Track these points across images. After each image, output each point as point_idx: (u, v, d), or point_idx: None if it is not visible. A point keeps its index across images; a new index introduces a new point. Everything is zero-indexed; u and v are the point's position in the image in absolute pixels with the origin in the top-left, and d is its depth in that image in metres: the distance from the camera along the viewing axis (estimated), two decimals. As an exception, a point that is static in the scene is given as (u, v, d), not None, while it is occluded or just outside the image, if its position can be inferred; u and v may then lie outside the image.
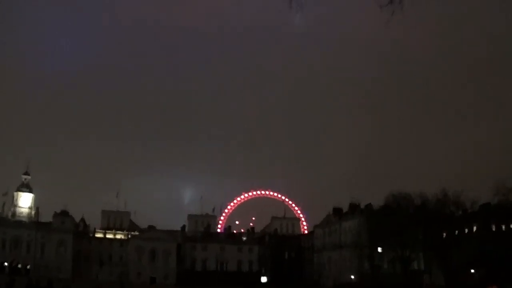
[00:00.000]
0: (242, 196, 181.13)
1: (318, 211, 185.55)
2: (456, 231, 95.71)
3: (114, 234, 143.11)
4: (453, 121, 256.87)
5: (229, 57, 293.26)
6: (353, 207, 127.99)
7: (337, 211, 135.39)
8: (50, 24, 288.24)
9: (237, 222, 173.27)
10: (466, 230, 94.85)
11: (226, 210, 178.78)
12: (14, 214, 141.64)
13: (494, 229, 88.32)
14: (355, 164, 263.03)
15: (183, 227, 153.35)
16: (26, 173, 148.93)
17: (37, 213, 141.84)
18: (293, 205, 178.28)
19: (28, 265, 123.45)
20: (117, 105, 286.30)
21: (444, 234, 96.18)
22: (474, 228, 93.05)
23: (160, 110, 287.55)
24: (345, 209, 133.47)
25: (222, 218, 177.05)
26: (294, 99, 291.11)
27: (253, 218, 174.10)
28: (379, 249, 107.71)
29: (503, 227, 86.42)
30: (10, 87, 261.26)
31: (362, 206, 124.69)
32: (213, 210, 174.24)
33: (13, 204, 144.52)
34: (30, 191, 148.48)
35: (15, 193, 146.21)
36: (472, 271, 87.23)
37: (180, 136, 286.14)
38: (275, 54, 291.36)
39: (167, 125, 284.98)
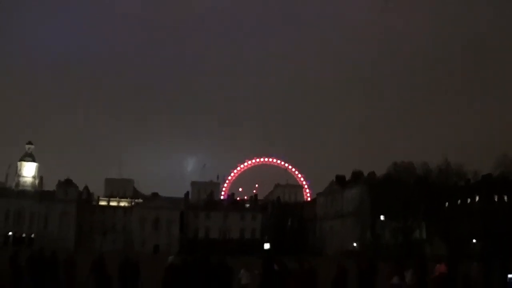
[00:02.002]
0: (246, 164, 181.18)
1: (322, 179, 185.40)
2: (459, 201, 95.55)
3: (118, 202, 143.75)
4: (454, 94, 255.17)
5: (234, 30, 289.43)
6: (356, 175, 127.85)
7: (340, 179, 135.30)
8: (54, 6, 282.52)
9: (240, 190, 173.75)
10: (469, 200, 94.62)
11: (229, 178, 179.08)
12: (18, 184, 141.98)
13: (496, 200, 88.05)
14: (359, 133, 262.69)
15: (187, 194, 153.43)
16: (30, 143, 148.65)
17: (40, 182, 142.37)
18: (296, 172, 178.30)
19: (32, 235, 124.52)
20: (117, 77, 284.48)
21: (446, 204, 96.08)
22: (477, 199, 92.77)
23: (162, 81, 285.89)
24: (348, 177, 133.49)
25: (225, 185, 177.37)
26: (297, 72, 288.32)
27: (256, 186, 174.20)
28: (382, 218, 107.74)
29: (506, 198, 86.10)
30: (14, 60, 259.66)
31: (365, 174, 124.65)
32: (217, 177, 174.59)
33: (17, 173, 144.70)
34: (34, 161, 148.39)
35: (18, 163, 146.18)
36: (474, 241, 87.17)
37: (183, 105, 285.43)
38: (279, 35, 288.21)
39: (169, 96, 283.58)
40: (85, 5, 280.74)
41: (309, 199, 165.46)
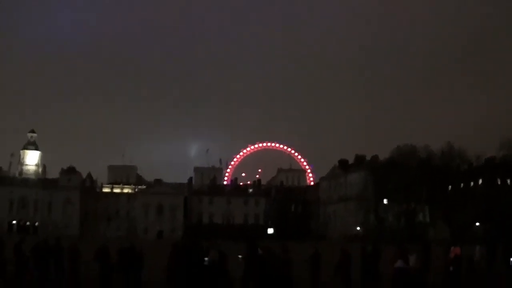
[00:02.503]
0: (248, 149, 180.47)
1: (324, 163, 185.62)
2: (461, 185, 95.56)
3: (121, 189, 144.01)
4: (457, 77, 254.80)
5: (233, 18, 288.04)
6: (359, 159, 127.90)
7: (342, 163, 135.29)
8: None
9: (243, 175, 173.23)
10: (472, 184, 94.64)
11: (232, 163, 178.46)
12: (21, 172, 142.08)
13: (499, 183, 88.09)
14: (361, 117, 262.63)
15: (190, 180, 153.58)
16: (32, 131, 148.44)
17: (44, 170, 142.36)
18: (299, 157, 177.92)
19: (35, 223, 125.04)
20: (120, 63, 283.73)
21: (449, 188, 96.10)
22: (480, 182, 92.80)
23: (164, 66, 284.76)
24: (351, 161, 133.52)
25: (228, 170, 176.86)
26: (299, 56, 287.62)
27: (260, 170, 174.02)
28: (385, 202, 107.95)
29: (508, 181, 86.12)
30: (16, 48, 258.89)
31: (368, 158, 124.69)
32: (220, 162, 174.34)
33: (20, 162, 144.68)
34: (37, 149, 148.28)
35: (21, 151, 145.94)
36: (477, 224, 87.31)
37: (185, 91, 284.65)
38: (277, 19, 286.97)
39: (172, 81, 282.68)
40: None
41: (312, 183, 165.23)
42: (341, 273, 22.98)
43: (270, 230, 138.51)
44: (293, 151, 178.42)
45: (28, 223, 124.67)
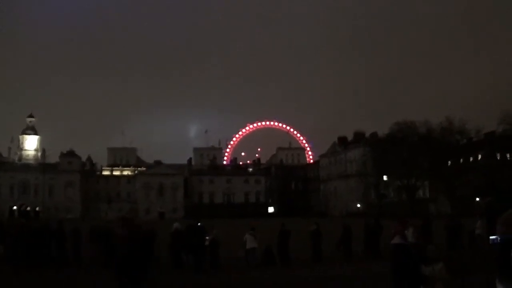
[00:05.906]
0: (247, 128, 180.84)
1: (324, 141, 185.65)
2: (461, 160, 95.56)
3: (121, 171, 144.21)
4: (456, 52, 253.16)
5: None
6: (358, 136, 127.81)
7: (342, 140, 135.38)
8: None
9: (243, 154, 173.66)
10: (471, 159, 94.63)
11: (231, 142, 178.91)
12: (20, 157, 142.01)
13: (499, 158, 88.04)
14: (360, 93, 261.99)
15: (189, 160, 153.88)
16: (31, 116, 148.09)
17: (43, 155, 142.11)
18: (298, 135, 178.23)
19: (37, 208, 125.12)
20: (118, 44, 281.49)
21: (449, 162, 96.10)
22: (479, 157, 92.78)
23: (162, 46, 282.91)
24: (350, 138, 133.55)
25: (227, 150, 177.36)
26: (295, 33, 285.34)
27: (259, 149, 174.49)
28: (385, 178, 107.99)
29: (508, 155, 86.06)
30: (11, 30, 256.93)
31: (367, 135, 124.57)
32: (219, 143, 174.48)
33: (19, 147, 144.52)
34: (36, 134, 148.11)
35: (20, 136, 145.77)
36: (478, 199, 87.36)
37: (184, 71, 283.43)
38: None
39: (170, 61, 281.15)
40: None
41: (312, 161, 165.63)
42: (343, 248, 23.25)
43: (271, 209, 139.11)
44: (292, 129, 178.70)
45: (29, 208, 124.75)
